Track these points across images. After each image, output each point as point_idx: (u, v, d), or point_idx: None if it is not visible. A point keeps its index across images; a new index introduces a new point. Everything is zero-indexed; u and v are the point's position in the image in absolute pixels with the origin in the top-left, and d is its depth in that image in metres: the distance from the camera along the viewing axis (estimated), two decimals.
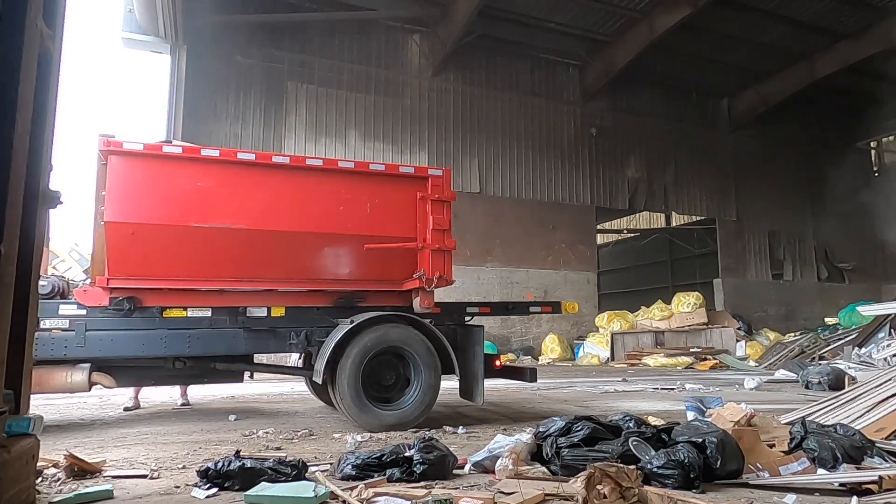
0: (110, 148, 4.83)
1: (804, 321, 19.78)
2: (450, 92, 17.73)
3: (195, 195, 5.09)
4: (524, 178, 18.22)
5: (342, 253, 5.54)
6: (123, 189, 4.88)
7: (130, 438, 4.88)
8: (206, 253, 5.10)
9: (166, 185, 5.02)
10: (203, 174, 5.13)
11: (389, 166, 5.94)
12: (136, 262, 4.94)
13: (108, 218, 4.83)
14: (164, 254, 5.00)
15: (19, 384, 2.93)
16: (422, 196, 5.68)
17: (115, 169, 4.88)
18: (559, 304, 6.72)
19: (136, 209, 4.89)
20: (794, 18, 16.84)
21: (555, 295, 18.09)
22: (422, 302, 5.60)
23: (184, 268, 5.08)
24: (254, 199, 5.23)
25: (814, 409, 5.06)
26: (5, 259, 2.50)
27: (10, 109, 2.55)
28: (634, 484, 2.90)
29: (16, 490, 2.59)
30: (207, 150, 5.25)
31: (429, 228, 5.64)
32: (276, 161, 5.49)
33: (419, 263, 5.62)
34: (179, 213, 5.02)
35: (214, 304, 5.30)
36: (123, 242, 4.85)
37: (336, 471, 3.45)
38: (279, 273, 5.37)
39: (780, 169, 22.03)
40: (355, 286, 5.66)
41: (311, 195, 5.41)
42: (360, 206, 5.51)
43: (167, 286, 5.12)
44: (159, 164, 5.04)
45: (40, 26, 2.83)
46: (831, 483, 3.24)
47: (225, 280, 5.23)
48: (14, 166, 2.56)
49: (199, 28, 14.37)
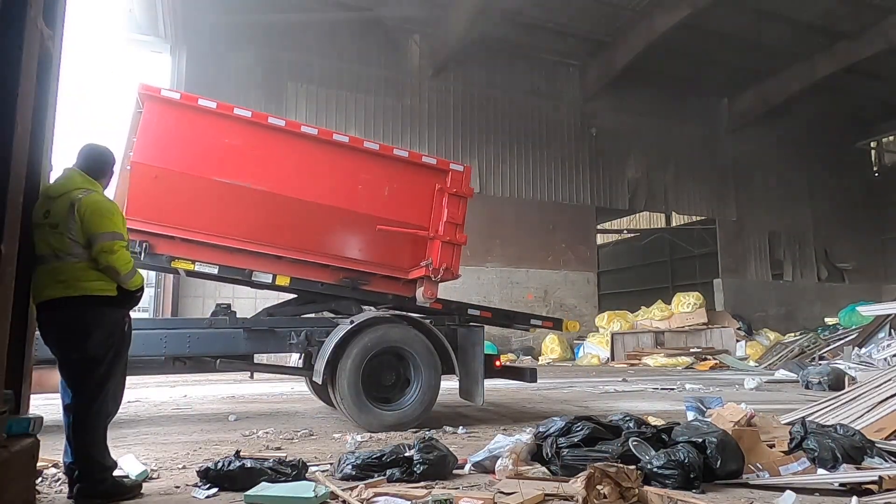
0: (148, 92, 4.96)
1: (804, 321, 19.77)
2: (450, 92, 17.73)
3: (221, 150, 5.21)
4: (524, 178, 18.22)
5: (354, 231, 5.60)
6: (154, 134, 4.98)
7: (130, 438, 4.88)
8: (223, 208, 5.18)
9: (196, 136, 5.14)
10: (232, 132, 5.23)
11: (412, 154, 5.99)
12: (154, 207, 5.00)
13: (135, 158, 4.94)
14: (183, 203, 5.07)
15: (19, 384, 2.93)
16: (440, 188, 5.74)
17: (150, 112, 4.97)
18: (561, 322, 6.83)
19: (163, 154, 5.00)
20: (794, 18, 16.84)
21: (555, 295, 18.11)
22: (425, 291, 5.62)
23: (199, 220, 5.14)
24: (277, 164, 5.32)
25: (814, 409, 5.06)
26: (5, 259, 2.50)
27: (10, 109, 2.55)
28: (634, 484, 2.90)
29: (16, 490, 2.59)
30: (240, 110, 5.29)
31: (442, 220, 5.68)
32: (304, 131, 5.53)
33: (428, 253, 5.65)
34: (204, 165, 5.13)
35: (222, 262, 5.28)
36: (146, 184, 4.95)
37: (336, 471, 3.46)
38: (289, 241, 5.40)
39: (779, 169, 22.03)
40: (362, 267, 5.67)
41: (332, 169, 5.50)
42: (378, 188, 5.58)
43: (180, 235, 5.12)
44: (192, 116, 5.15)
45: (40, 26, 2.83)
46: (831, 483, 3.24)
47: (237, 239, 5.25)
48: (14, 166, 2.56)
49: (199, 28, 14.37)
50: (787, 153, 22.20)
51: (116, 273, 3.09)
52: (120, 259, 3.09)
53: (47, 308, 3.05)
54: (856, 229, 23.05)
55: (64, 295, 3.00)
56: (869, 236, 23.58)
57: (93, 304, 3.06)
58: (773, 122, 21.38)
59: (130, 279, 3.16)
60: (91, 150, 3.36)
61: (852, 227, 23.00)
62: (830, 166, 22.92)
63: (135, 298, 3.26)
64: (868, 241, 23.44)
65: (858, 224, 23.20)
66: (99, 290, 3.07)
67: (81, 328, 3.04)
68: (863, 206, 23.55)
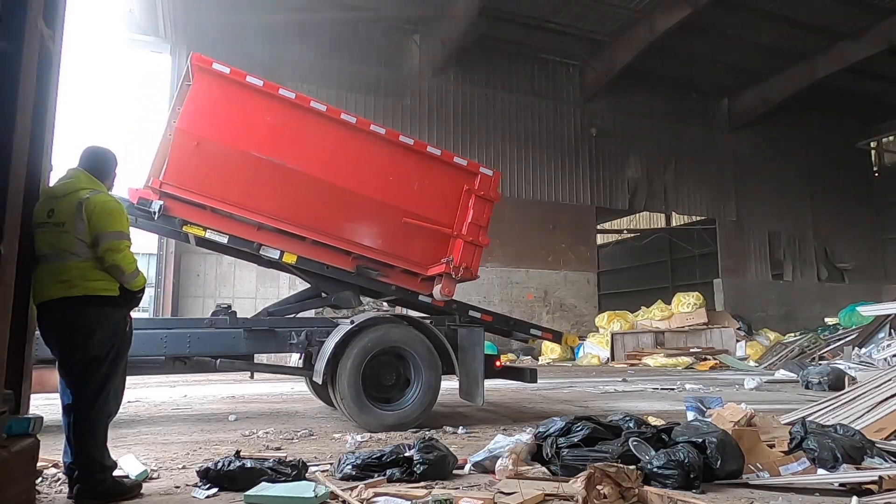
0: (200, 64, 5.11)
1: (804, 321, 19.77)
2: (450, 92, 17.73)
3: (262, 127, 5.33)
4: (524, 178, 18.21)
5: (380, 221, 5.67)
6: (201, 103, 5.14)
7: (130, 438, 4.88)
8: (256, 183, 5.28)
9: (239, 111, 5.28)
10: (274, 110, 5.36)
11: (445, 153, 6.08)
12: (190, 173, 5.12)
13: (180, 125, 5.09)
14: (217, 172, 5.19)
15: (19, 384, 2.93)
16: (468, 189, 5.88)
17: (200, 82, 5.14)
18: (560, 335, 6.93)
19: (207, 124, 5.16)
20: (794, 18, 16.83)
21: (555, 295, 18.11)
22: (443, 288, 5.67)
23: (231, 191, 5.23)
24: (313, 147, 5.46)
25: (814, 409, 5.06)
26: (5, 259, 2.50)
27: (11, 109, 2.55)
28: (634, 484, 2.90)
29: (16, 490, 2.59)
30: (284, 90, 5.42)
31: (467, 220, 5.83)
32: (343, 118, 5.62)
33: (450, 250, 5.74)
34: (243, 139, 5.27)
35: (233, 233, 5.29)
36: (186, 150, 5.09)
37: (336, 471, 3.45)
38: (315, 223, 5.48)
39: (779, 169, 22.03)
40: (383, 258, 5.72)
41: (366, 158, 5.62)
42: (408, 182, 5.71)
43: (211, 204, 5.18)
44: (239, 91, 5.27)
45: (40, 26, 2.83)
46: (831, 483, 3.24)
47: (265, 214, 5.33)
48: (14, 166, 2.56)
49: (199, 28, 14.36)
50: (787, 153, 22.19)
51: (121, 272, 3.10)
52: (125, 258, 3.11)
53: (49, 308, 3.05)
54: (856, 229, 23.05)
55: (66, 295, 3.00)
56: (869, 236, 23.57)
57: (95, 303, 3.06)
58: (773, 121, 21.38)
59: (134, 279, 3.17)
60: (95, 152, 3.38)
61: (852, 227, 22.99)
62: (830, 166, 22.91)
63: (136, 299, 3.27)
64: (868, 241, 23.44)
65: (858, 224, 23.20)
66: (101, 290, 3.07)
67: (83, 328, 3.04)
68: (863, 207, 23.55)
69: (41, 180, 3.14)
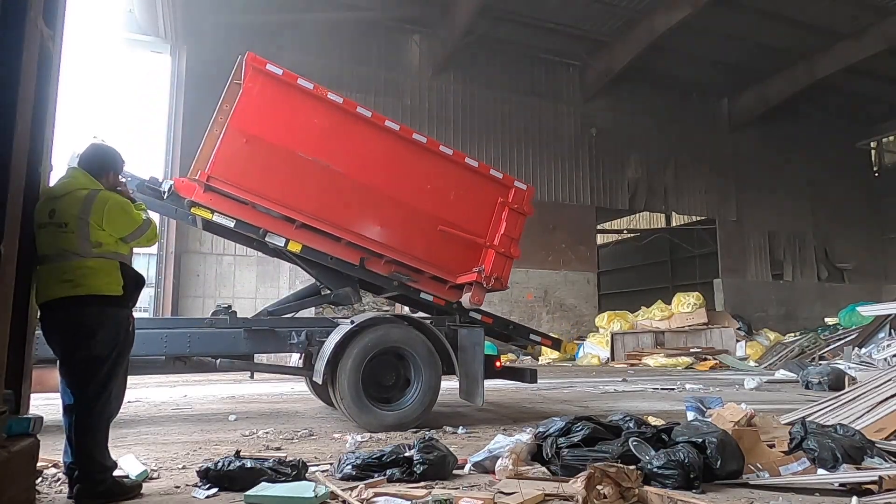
0: (254, 64, 5.29)
1: (804, 321, 19.77)
2: (450, 92, 17.72)
3: (309, 128, 5.47)
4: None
5: (415, 227, 5.79)
6: (254, 103, 5.30)
7: (130, 438, 4.88)
8: (298, 182, 5.41)
9: (288, 111, 5.43)
10: (322, 113, 5.53)
11: (482, 165, 6.23)
12: (237, 169, 5.25)
13: (233, 122, 5.21)
14: (263, 169, 5.31)
15: (19, 384, 2.93)
16: (502, 201, 6.01)
17: (253, 82, 5.30)
18: (560, 342, 7.06)
19: (257, 123, 5.32)
20: (794, 18, 16.82)
21: (555, 295, 18.11)
22: (473, 296, 5.75)
23: (273, 189, 5.33)
24: (356, 151, 5.60)
25: (814, 409, 5.06)
26: (5, 259, 2.50)
27: (11, 109, 2.55)
28: (634, 484, 2.90)
29: (16, 490, 2.59)
30: (332, 95, 5.57)
31: (500, 232, 5.95)
32: (387, 125, 5.75)
33: (481, 260, 5.86)
34: (291, 139, 5.40)
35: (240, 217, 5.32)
36: (236, 146, 5.24)
37: (336, 471, 3.45)
38: (351, 224, 5.59)
39: (779, 169, 22.02)
40: (414, 262, 5.79)
41: (407, 165, 5.77)
42: (446, 191, 5.87)
43: (255, 201, 5.28)
44: (289, 92, 5.43)
45: (40, 26, 2.83)
46: (831, 483, 3.24)
47: (306, 215, 5.42)
48: (14, 166, 2.56)
49: (199, 28, 14.36)
50: (787, 153, 22.19)
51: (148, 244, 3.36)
52: (150, 240, 3.35)
53: (52, 307, 3.06)
54: (856, 229, 23.04)
55: (70, 294, 3.01)
56: (869, 236, 23.57)
57: (98, 303, 3.07)
58: (773, 122, 21.37)
59: (152, 240, 3.38)
60: (93, 150, 3.39)
61: (852, 227, 22.99)
62: (830, 166, 22.90)
63: (137, 295, 3.30)
64: (868, 241, 23.43)
65: (858, 224, 23.19)
66: (105, 290, 3.08)
67: (86, 327, 3.05)
68: (863, 207, 23.54)
69: (41, 180, 3.15)
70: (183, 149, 13.87)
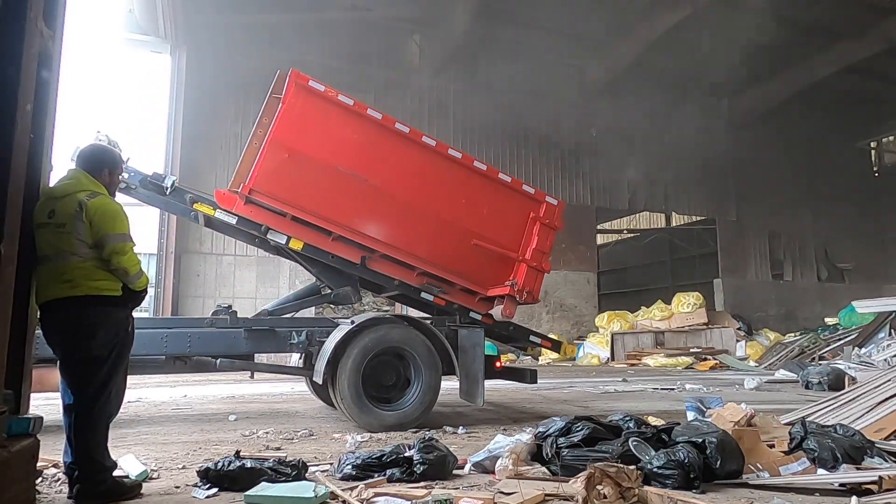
0: (298, 80, 5.38)
1: (804, 321, 19.76)
2: (450, 92, 17.72)
3: (348, 143, 5.57)
4: (524, 179, 18.05)
5: (449, 240, 5.86)
6: (295, 118, 5.37)
7: (130, 438, 4.88)
8: (334, 195, 5.51)
9: (329, 126, 5.53)
10: (360, 128, 5.62)
11: (514, 181, 6.32)
12: (277, 183, 5.32)
13: (274, 136, 5.28)
14: (302, 183, 5.40)
15: (19, 384, 2.93)
16: (533, 216, 6.09)
17: (296, 98, 5.37)
18: (560, 344, 7.10)
19: (298, 137, 5.39)
20: (794, 18, 16.81)
21: (555, 295, 18.10)
22: (505, 309, 5.82)
23: (310, 200, 5.41)
24: (394, 166, 5.69)
25: (814, 409, 5.07)
26: (5, 259, 2.50)
27: (11, 109, 2.55)
28: (634, 484, 2.90)
29: (16, 490, 2.59)
30: (372, 111, 5.67)
31: (531, 246, 6.03)
32: (424, 141, 5.85)
33: (513, 274, 5.93)
34: (330, 153, 5.50)
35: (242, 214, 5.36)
36: (277, 160, 5.31)
37: (336, 471, 3.46)
38: (385, 236, 5.67)
39: (780, 169, 22.01)
40: (445, 274, 5.86)
41: (442, 180, 5.86)
42: (479, 205, 5.96)
43: (294, 213, 5.36)
44: (330, 108, 5.53)
45: (40, 26, 2.83)
46: (831, 483, 3.24)
47: (343, 227, 5.52)
48: (14, 166, 2.56)
49: (199, 28, 14.36)
50: (787, 153, 22.17)
51: (126, 273, 3.13)
52: (130, 260, 3.15)
53: (51, 308, 3.06)
54: (856, 229, 23.02)
55: (69, 294, 3.01)
56: (869, 236, 23.56)
57: (98, 303, 3.07)
58: (773, 122, 21.36)
59: (138, 279, 3.20)
60: (92, 151, 3.39)
61: (852, 227, 22.97)
62: (830, 166, 22.89)
63: (139, 298, 3.30)
64: (868, 241, 23.42)
65: (858, 224, 23.17)
66: (104, 290, 3.09)
67: (86, 328, 3.05)
68: (863, 206, 23.53)
69: (41, 180, 3.15)
70: (183, 148, 13.88)
